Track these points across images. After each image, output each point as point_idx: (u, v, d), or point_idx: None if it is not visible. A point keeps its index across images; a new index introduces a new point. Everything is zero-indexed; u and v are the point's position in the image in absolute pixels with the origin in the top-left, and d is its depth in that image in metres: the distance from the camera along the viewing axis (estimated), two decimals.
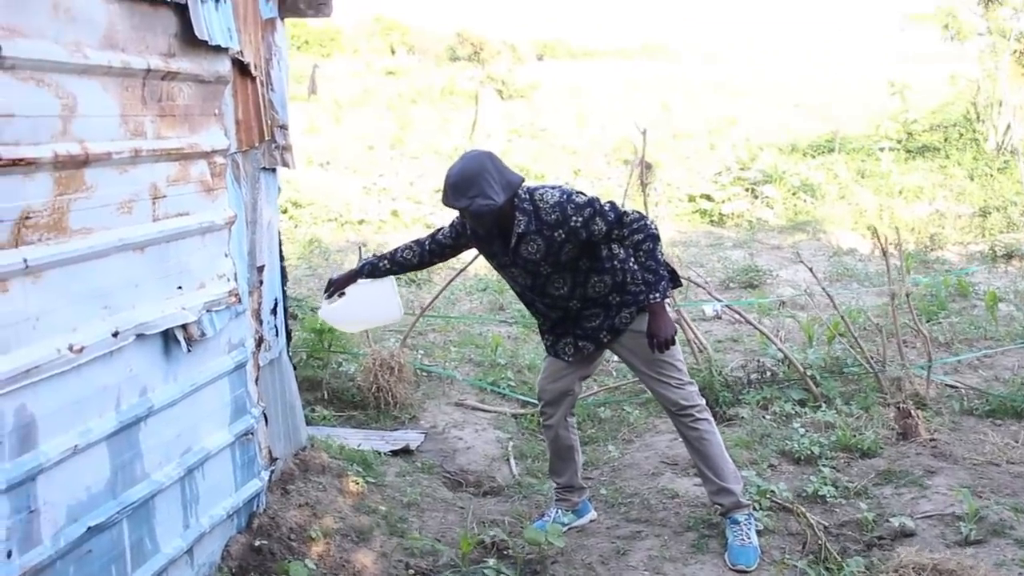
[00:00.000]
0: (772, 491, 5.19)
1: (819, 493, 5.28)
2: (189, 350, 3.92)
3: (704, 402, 4.92)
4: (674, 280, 4.92)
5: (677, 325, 4.98)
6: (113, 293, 3.47)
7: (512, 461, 6.27)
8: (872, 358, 7.00)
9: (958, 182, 16.07)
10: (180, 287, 3.88)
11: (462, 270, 8.67)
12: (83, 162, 3.23)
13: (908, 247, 12.57)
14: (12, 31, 2.90)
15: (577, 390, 5.21)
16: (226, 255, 4.25)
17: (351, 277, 5.16)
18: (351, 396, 7.17)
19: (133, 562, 3.64)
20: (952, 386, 7.03)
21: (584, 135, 19.87)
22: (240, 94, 4.39)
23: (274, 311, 4.98)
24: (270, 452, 4.82)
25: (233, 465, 4.41)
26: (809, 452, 5.82)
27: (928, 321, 8.67)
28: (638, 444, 6.44)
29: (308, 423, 5.95)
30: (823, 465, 5.64)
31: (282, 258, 5.16)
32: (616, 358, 5.66)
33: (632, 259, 4.71)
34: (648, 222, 4.54)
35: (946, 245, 13.52)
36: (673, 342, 4.61)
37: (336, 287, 5.17)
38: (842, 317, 7.26)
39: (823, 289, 7.41)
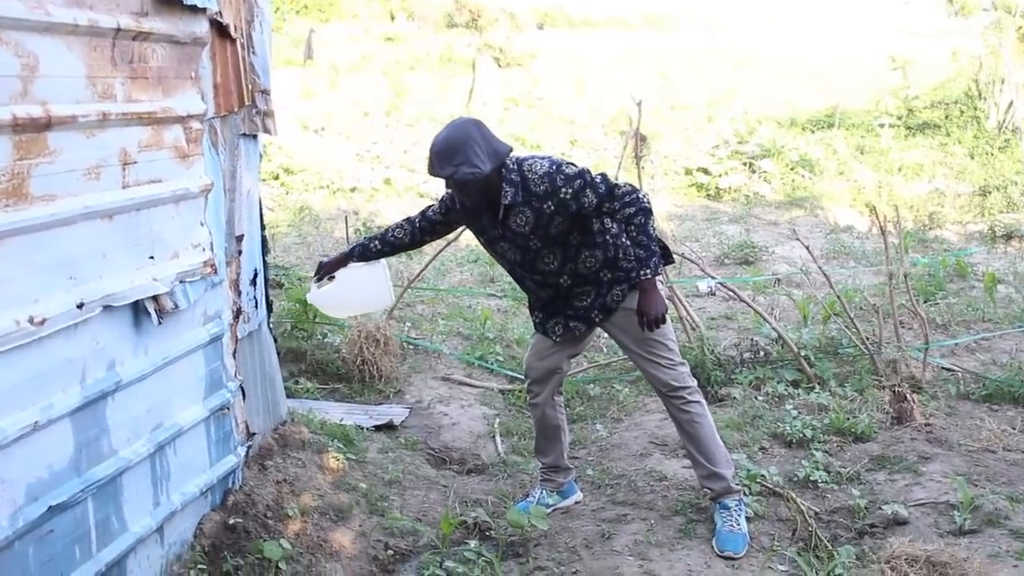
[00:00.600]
0: (763, 475, 5.10)
1: (811, 478, 5.18)
2: (160, 322, 3.78)
3: (696, 384, 4.79)
4: (666, 256, 4.78)
5: (669, 302, 4.85)
6: (79, 263, 3.32)
7: (498, 438, 6.16)
8: (868, 339, 6.88)
9: (958, 160, 15.91)
10: (152, 257, 3.74)
11: (452, 240, 8.50)
12: (45, 125, 3.07)
13: (906, 225, 12.42)
14: None
15: (565, 368, 5.08)
16: (202, 224, 4.10)
17: (341, 260, 5.03)
18: (335, 368, 7.05)
19: (98, 541, 3.52)
20: (949, 369, 6.91)
21: (582, 105, 19.66)
22: (219, 57, 4.22)
23: (253, 281, 4.83)
24: (247, 427, 4.69)
25: (207, 441, 4.28)
26: (801, 435, 5.71)
27: (925, 302, 8.55)
28: (627, 423, 6.32)
29: (291, 395, 5.84)
30: (815, 449, 5.53)
31: (263, 227, 5.01)
32: (607, 335, 5.52)
33: (624, 234, 4.58)
34: (640, 195, 4.40)
35: (945, 224, 13.39)
36: (664, 320, 4.48)
37: (326, 271, 5.04)
38: (838, 296, 7.13)
39: (819, 268, 7.27)
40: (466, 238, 9.95)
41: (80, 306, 3.29)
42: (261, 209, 4.96)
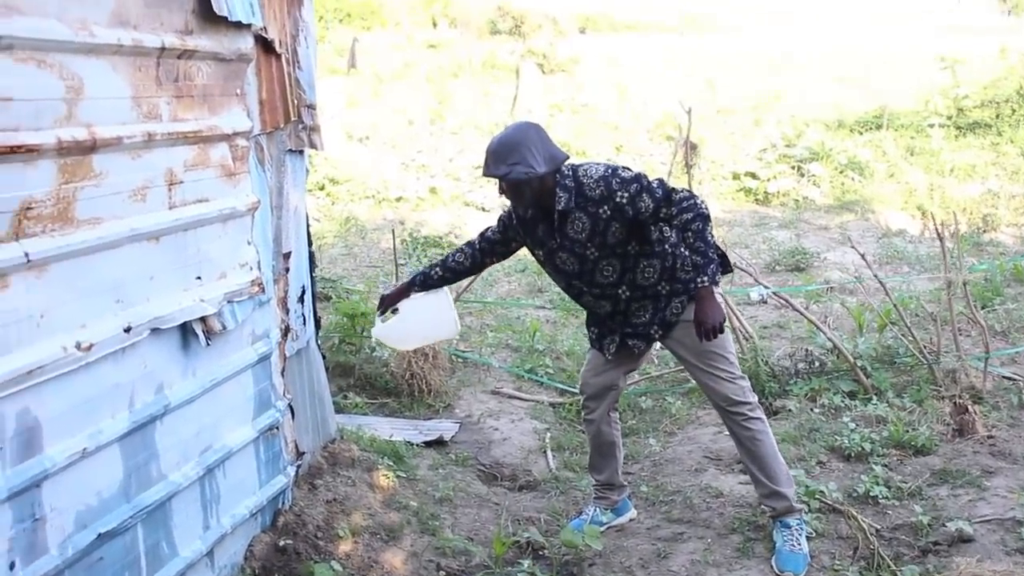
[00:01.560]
0: (821, 491, 4.97)
1: (871, 494, 5.04)
2: (208, 343, 3.74)
3: (756, 399, 4.66)
4: (724, 265, 4.65)
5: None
6: (125, 286, 3.28)
7: (549, 454, 6.08)
8: (925, 348, 6.72)
9: (1011, 160, 15.61)
10: (199, 277, 3.70)
11: None
12: (90, 147, 3.03)
13: (960, 229, 12.20)
14: (9, 8, 2.70)
15: (622, 385, 5.00)
16: (249, 243, 4.06)
17: (403, 291, 4.97)
18: (384, 383, 7.00)
19: (149, 568, 3.49)
20: (1010, 378, 6.73)
21: (626, 110, 19.53)
22: (264, 73, 4.18)
23: (301, 299, 4.78)
24: (297, 446, 4.64)
25: (257, 462, 4.24)
26: (860, 448, 5.57)
27: (983, 308, 8.35)
28: (680, 437, 6.21)
29: (340, 410, 5.80)
30: (875, 463, 5.39)
31: (310, 243, 4.96)
32: (663, 347, 5.41)
33: (682, 243, 4.47)
34: (698, 201, 4.29)
35: (1000, 226, 13.13)
36: (722, 330, 4.34)
37: (388, 303, 4.99)
38: (894, 304, 6.98)
39: (874, 275, 7.12)
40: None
41: (127, 330, 3.25)
42: (308, 225, 4.92)
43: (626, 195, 4.29)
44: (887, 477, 5.22)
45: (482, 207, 14.41)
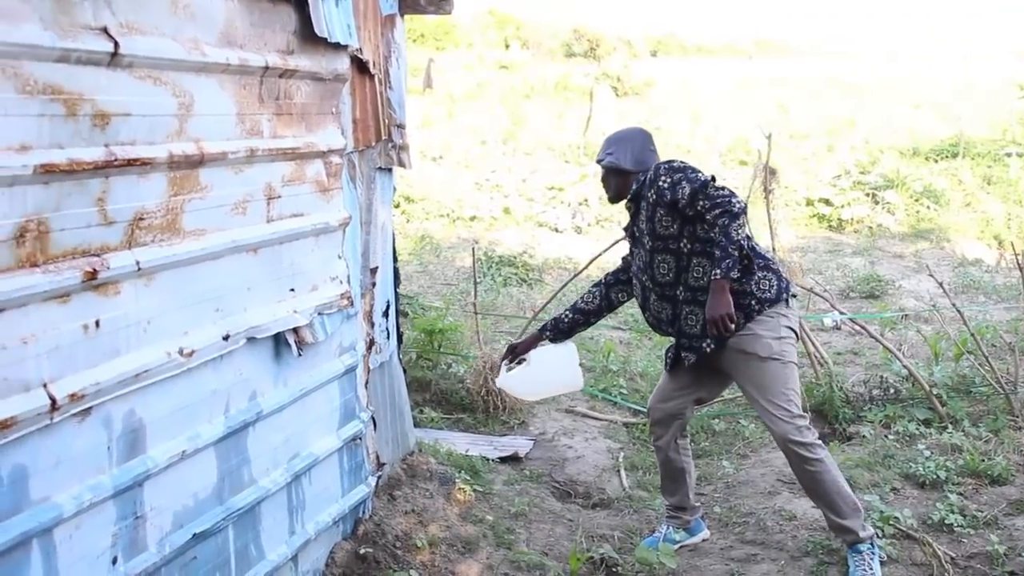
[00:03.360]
0: (896, 518, 4.96)
1: (946, 521, 5.01)
2: (300, 354, 3.85)
3: (815, 436, 4.54)
4: (779, 292, 4.54)
5: (795, 335, 4.72)
6: (225, 295, 3.40)
7: (623, 473, 6.11)
8: (1002, 378, 6.67)
9: None
10: (292, 289, 3.81)
11: (580, 271, 8.51)
12: (198, 162, 3.16)
13: None
14: (130, 28, 2.84)
15: (689, 414, 5.00)
16: (339, 257, 4.17)
17: (535, 340, 5.04)
18: (460, 399, 7.08)
19: (238, 569, 3.59)
20: None
21: (698, 134, 19.59)
22: (358, 92, 4.30)
23: (386, 313, 4.89)
24: (378, 457, 4.74)
25: (340, 471, 4.34)
26: (935, 476, 5.54)
27: None
28: (753, 460, 6.23)
29: (416, 425, 5.87)
30: (949, 491, 5.36)
31: (395, 259, 5.07)
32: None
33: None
34: (733, 198, 4.34)
35: None
36: (728, 322, 4.30)
37: (519, 352, 5.02)
38: (971, 333, 6.94)
39: (952, 303, 7.08)
40: (588, 270, 9.93)
41: (226, 338, 3.37)
42: (394, 241, 5.03)
43: (668, 180, 4.45)
44: (962, 506, 5.18)
45: (555, 228, 14.49)
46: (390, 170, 4.78)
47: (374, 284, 4.66)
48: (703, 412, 7.00)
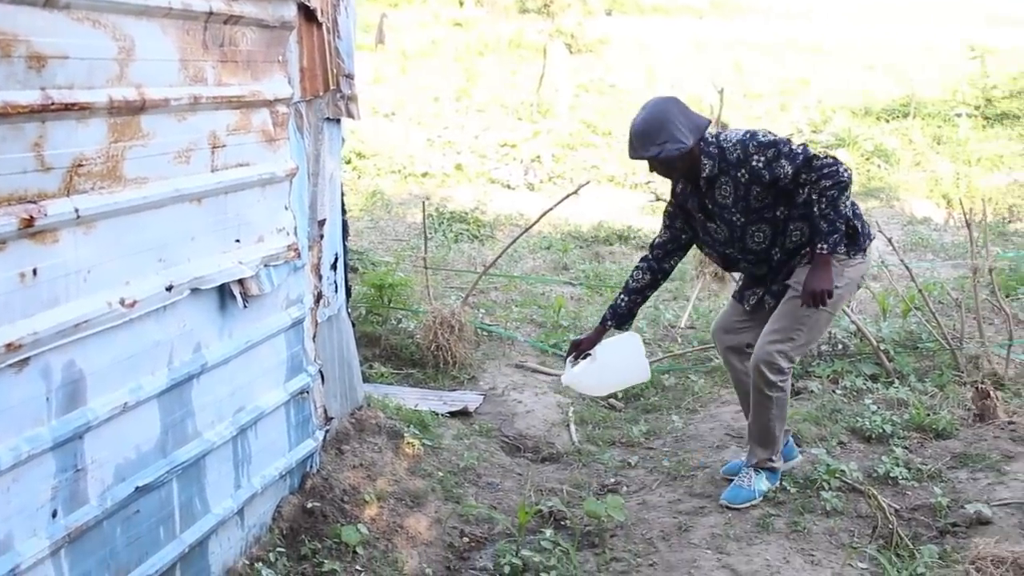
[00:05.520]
0: (842, 471, 5.01)
1: (891, 474, 5.07)
2: (246, 306, 3.80)
3: (786, 379, 4.66)
4: (854, 240, 4.58)
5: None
6: (168, 246, 3.35)
7: (572, 427, 6.13)
8: (949, 334, 6.74)
9: None
10: (238, 240, 3.76)
11: (529, 227, 8.47)
12: (140, 108, 3.09)
13: (986, 217, 12.18)
14: None
15: (748, 350, 4.97)
16: (286, 208, 4.12)
17: (599, 335, 4.97)
18: (410, 353, 7.06)
19: (182, 523, 3.56)
20: None
21: (653, 92, 19.50)
22: (305, 41, 4.23)
23: (334, 266, 4.84)
24: (325, 411, 4.71)
25: (287, 424, 4.31)
26: (881, 430, 5.60)
27: (1007, 296, 8.35)
28: (702, 415, 6.26)
29: (366, 380, 5.85)
30: (895, 445, 5.42)
31: (344, 212, 5.02)
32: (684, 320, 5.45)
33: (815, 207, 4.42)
34: (841, 168, 4.32)
35: None
36: (826, 298, 4.36)
37: (583, 349, 4.95)
38: (919, 289, 7.00)
39: (901, 260, 7.12)
40: (539, 226, 9.94)
41: (169, 288, 3.32)
42: (342, 194, 4.97)
43: (762, 159, 4.36)
44: (907, 459, 5.24)
45: (507, 184, 14.45)
46: (338, 121, 4.71)
47: (322, 236, 4.60)
48: (654, 367, 7.01)
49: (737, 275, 5.29)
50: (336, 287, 4.90)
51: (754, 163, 4.36)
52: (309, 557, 4.11)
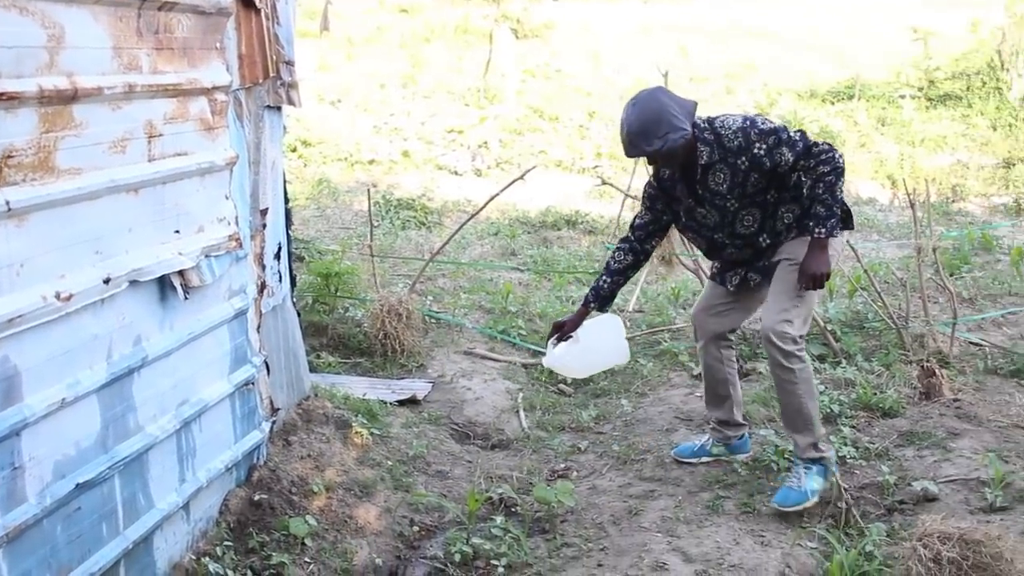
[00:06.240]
0: (790, 451, 5.03)
1: (839, 454, 5.10)
2: (186, 297, 3.74)
3: (800, 349, 4.53)
4: (846, 222, 4.66)
5: (695, 275, 4.79)
6: (105, 237, 3.28)
7: (522, 413, 6.12)
8: (894, 313, 6.80)
9: (981, 132, 15.75)
10: (177, 231, 3.70)
11: (476, 213, 8.44)
12: (71, 97, 3.02)
13: (930, 198, 12.32)
14: None
15: (731, 336, 5.05)
16: (227, 197, 4.06)
17: (582, 316, 4.92)
18: (357, 342, 7.01)
19: (125, 519, 3.50)
20: (976, 344, 6.82)
21: (599, 76, 19.54)
22: (243, 27, 4.16)
23: (278, 255, 4.79)
24: (272, 402, 4.66)
25: (233, 416, 4.26)
26: (829, 410, 5.63)
27: (951, 275, 8.44)
28: (652, 398, 6.26)
29: (313, 370, 5.80)
30: (843, 424, 5.46)
31: (287, 200, 4.96)
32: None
33: (811, 191, 4.47)
34: (836, 155, 4.35)
35: (968, 197, 13.29)
36: (823, 282, 4.41)
37: (567, 331, 4.92)
38: (864, 270, 7.05)
39: (846, 241, 7.16)
40: (487, 212, 9.91)
41: (107, 281, 3.25)
42: (285, 182, 4.91)
43: (764, 147, 4.34)
44: (855, 438, 5.28)
45: (455, 170, 14.41)
46: (279, 108, 4.65)
47: (264, 225, 4.55)
48: None
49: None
50: (280, 277, 4.85)
51: (755, 150, 4.34)
52: (257, 550, 4.07)
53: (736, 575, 4.09)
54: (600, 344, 4.95)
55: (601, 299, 4.91)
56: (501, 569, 4.24)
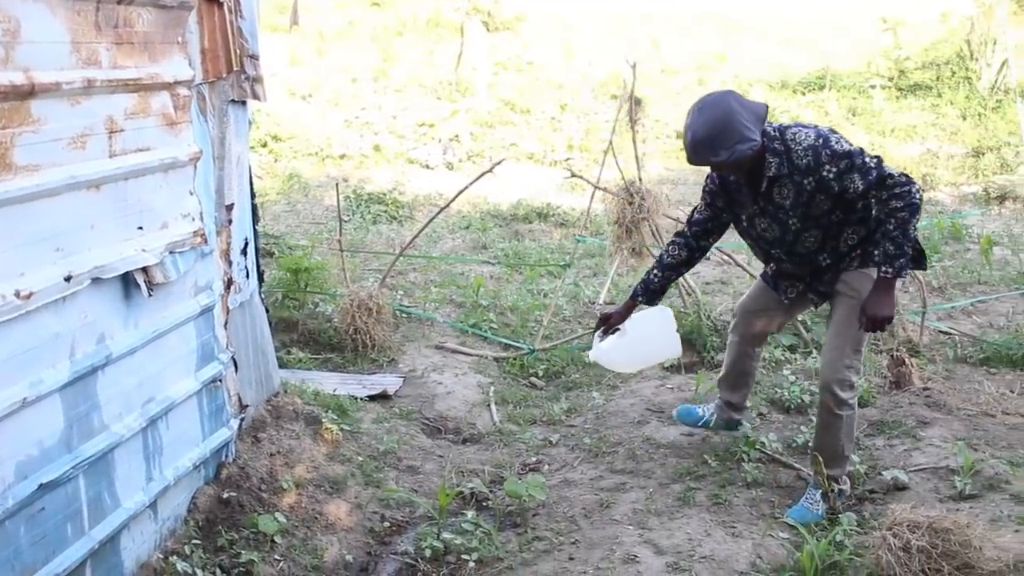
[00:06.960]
0: (762, 442, 5.06)
1: (810, 444, 5.10)
2: (151, 294, 3.71)
3: (854, 395, 4.46)
4: (918, 262, 4.45)
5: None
6: (65, 234, 3.24)
7: (493, 407, 6.10)
8: None
9: (950, 121, 15.80)
10: (140, 227, 3.66)
11: (445, 206, 8.40)
12: (28, 93, 2.98)
13: None
14: None
15: (775, 333, 5.02)
16: (191, 193, 4.02)
17: (629, 308, 4.80)
18: (328, 338, 6.98)
19: (91, 519, 3.47)
20: (946, 333, 6.86)
21: (571, 69, 19.52)
22: (206, 21, 4.12)
23: (244, 251, 4.75)
24: (240, 399, 4.62)
25: (200, 414, 4.22)
26: (799, 400, 5.66)
27: None
28: (623, 390, 6.26)
29: (283, 366, 5.77)
30: (813, 414, 5.43)
31: (253, 195, 4.92)
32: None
33: (882, 225, 4.14)
34: (913, 188, 4.03)
35: (938, 186, 13.32)
36: (884, 325, 4.18)
37: (613, 323, 4.80)
38: None
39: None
40: (458, 204, 9.88)
41: (68, 279, 3.21)
42: (251, 177, 4.87)
43: (834, 170, 4.08)
44: None
45: (426, 164, 14.36)
46: (244, 103, 4.60)
47: (230, 221, 4.51)
48: (573, 344, 7.01)
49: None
50: (247, 272, 4.81)
51: (824, 172, 4.08)
52: (226, 548, 4.05)
53: (707, 566, 4.08)
54: (649, 337, 4.85)
55: (650, 293, 4.77)
56: (472, 564, 4.22)
